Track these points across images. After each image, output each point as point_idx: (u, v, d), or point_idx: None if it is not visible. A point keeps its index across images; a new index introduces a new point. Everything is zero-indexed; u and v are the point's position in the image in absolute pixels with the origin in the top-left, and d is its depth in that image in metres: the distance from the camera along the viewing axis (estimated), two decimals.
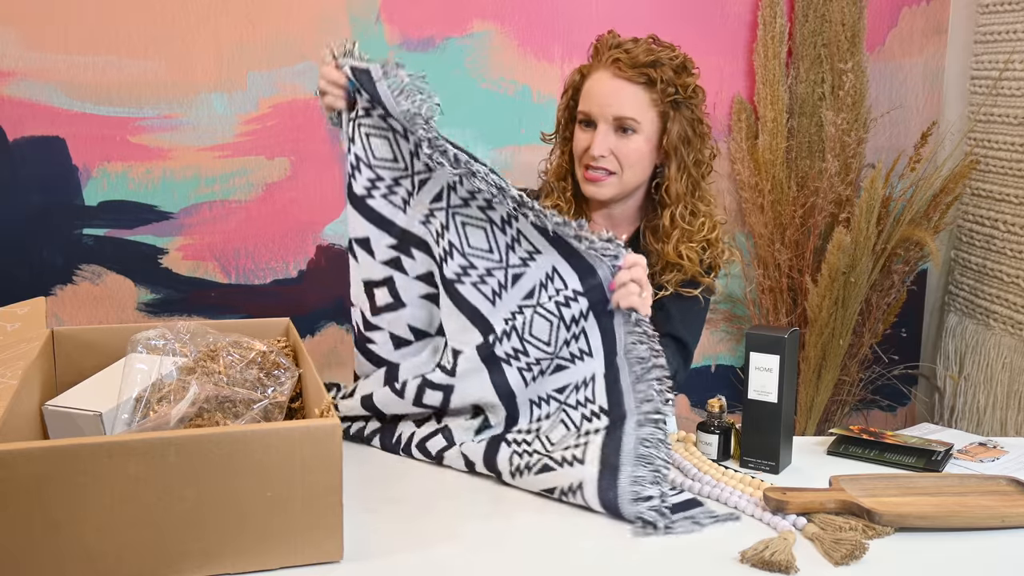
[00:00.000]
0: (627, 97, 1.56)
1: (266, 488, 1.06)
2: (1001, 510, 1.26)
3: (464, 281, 1.43)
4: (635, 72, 1.55)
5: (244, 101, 2.36)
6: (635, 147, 1.57)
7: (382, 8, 2.37)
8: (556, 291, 1.39)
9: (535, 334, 1.39)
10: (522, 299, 1.42)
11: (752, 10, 2.52)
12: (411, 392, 1.45)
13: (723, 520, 1.25)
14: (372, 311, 1.51)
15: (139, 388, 1.25)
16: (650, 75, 1.55)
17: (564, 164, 1.67)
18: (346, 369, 2.53)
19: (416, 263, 1.49)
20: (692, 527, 1.23)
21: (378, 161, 1.46)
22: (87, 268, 2.37)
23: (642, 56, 1.55)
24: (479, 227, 1.43)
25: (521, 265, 1.42)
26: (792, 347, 1.41)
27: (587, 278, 1.38)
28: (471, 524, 1.24)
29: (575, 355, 1.40)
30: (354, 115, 1.45)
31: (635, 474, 1.28)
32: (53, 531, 1.00)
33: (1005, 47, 2.42)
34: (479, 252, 1.43)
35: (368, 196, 1.47)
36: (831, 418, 2.62)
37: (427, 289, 1.51)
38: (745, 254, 2.64)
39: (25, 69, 2.26)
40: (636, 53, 1.55)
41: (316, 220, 2.45)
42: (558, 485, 1.30)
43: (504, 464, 1.35)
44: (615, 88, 1.56)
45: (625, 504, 1.24)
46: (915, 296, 2.72)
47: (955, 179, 2.47)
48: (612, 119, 1.56)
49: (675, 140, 1.58)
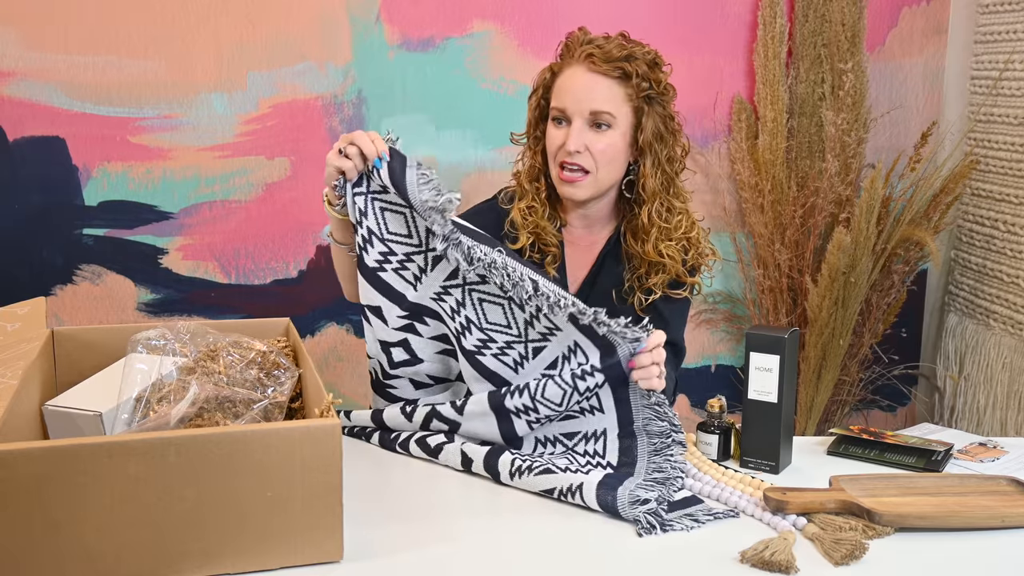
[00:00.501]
0: (602, 91, 1.55)
1: (266, 488, 1.06)
2: (1001, 510, 1.26)
3: (485, 353, 1.45)
4: (610, 66, 1.54)
5: (244, 101, 2.36)
6: (610, 142, 1.56)
7: (382, 8, 2.37)
8: (578, 364, 1.40)
9: (547, 396, 1.39)
10: (545, 369, 1.43)
11: (752, 10, 2.52)
12: (419, 417, 1.47)
13: (722, 518, 1.26)
14: (390, 366, 1.54)
15: (139, 388, 1.25)
16: (625, 69, 1.54)
17: (537, 165, 1.64)
18: (346, 368, 2.53)
19: (429, 328, 1.51)
20: (691, 524, 1.23)
21: (391, 235, 1.46)
22: (87, 268, 2.37)
23: (616, 51, 1.54)
24: (497, 304, 1.44)
25: (541, 340, 1.43)
26: (792, 347, 1.41)
27: (607, 356, 1.38)
28: (471, 524, 1.24)
29: (587, 410, 1.42)
30: (366, 189, 1.44)
31: (636, 482, 1.30)
32: (53, 531, 1.00)
33: (1005, 47, 2.42)
34: (498, 327, 1.45)
35: (380, 269, 1.47)
36: (831, 418, 2.62)
37: (443, 347, 1.53)
38: (745, 254, 2.64)
39: (25, 69, 2.26)
40: (609, 48, 1.54)
41: (316, 220, 2.45)
42: (557, 486, 1.30)
43: (504, 465, 1.36)
44: (590, 82, 1.55)
45: (624, 507, 1.24)
46: (915, 296, 2.72)
47: (955, 179, 2.47)
48: (587, 114, 1.55)
49: (650, 136, 1.57)
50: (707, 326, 2.67)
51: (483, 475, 1.38)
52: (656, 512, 1.23)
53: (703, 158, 2.58)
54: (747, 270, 2.64)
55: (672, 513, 1.25)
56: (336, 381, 2.53)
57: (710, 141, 2.58)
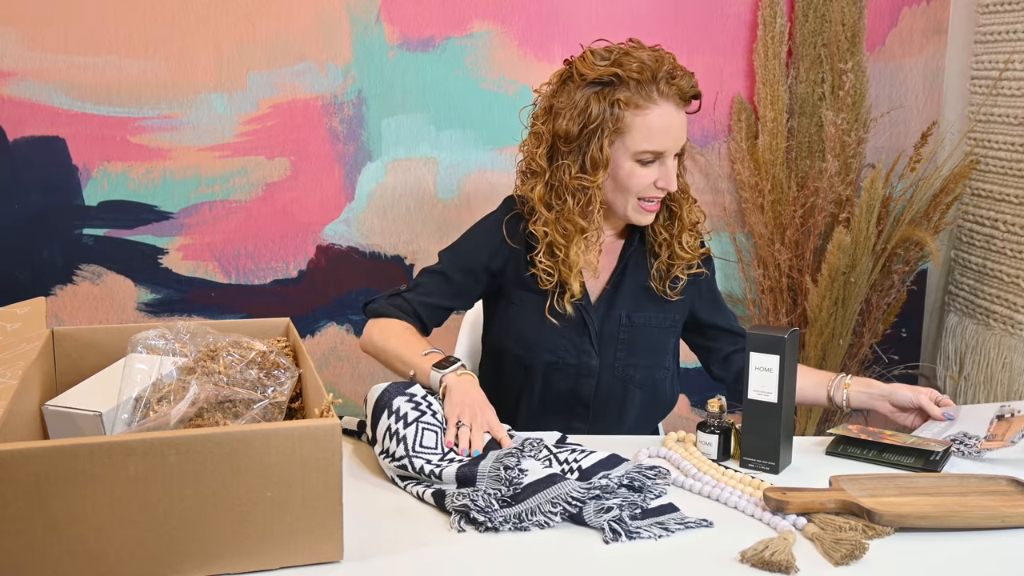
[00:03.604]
0: (685, 124, 1.57)
1: (266, 488, 1.06)
2: (1001, 510, 1.26)
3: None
4: (690, 98, 1.56)
5: (244, 101, 2.36)
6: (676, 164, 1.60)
7: (382, 8, 2.37)
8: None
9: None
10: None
11: (752, 10, 2.52)
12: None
13: (695, 527, 1.21)
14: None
15: (139, 388, 1.25)
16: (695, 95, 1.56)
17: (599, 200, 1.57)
18: (346, 368, 2.53)
19: None
20: (660, 532, 1.19)
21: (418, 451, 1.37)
22: (87, 268, 2.38)
23: (686, 81, 1.54)
24: None
25: None
26: (792, 347, 1.41)
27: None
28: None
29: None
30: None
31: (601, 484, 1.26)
32: (53, 531, 1.00)
33: (1005, 47, 2.42)
34: None
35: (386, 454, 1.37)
36: (831, 418, 2.62)
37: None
38: (745, 254, 2.64)
39: (25, 69, 2.26)
40: (681, 80, 1.53)
41: (316, 220, 2.45)
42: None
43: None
44: (682, 120, 1.55)
45: (589, 516, 1.21)
46: (915, 296, 2.72)
47: (955, 179, 2.47)
48: (679, 149, 1.57)
49: (687, 141, 1.61)
50: None
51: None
52: (621, 519, 1.19)
53: (703, 158, 2.58)
54: (747, 270, 2.64)
55: (643, 521, 1.21)
56: (336, 381, 2.53)
57: (710, 141, 2.58)
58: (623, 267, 1.66)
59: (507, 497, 1.24)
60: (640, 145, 1.52)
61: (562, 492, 1.22)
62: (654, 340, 1.68)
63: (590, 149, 1.53)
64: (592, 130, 1.52)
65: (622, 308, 1.66)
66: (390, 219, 2.48)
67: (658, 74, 1.51)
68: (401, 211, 2.48)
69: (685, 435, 1.49)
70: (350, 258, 2.48)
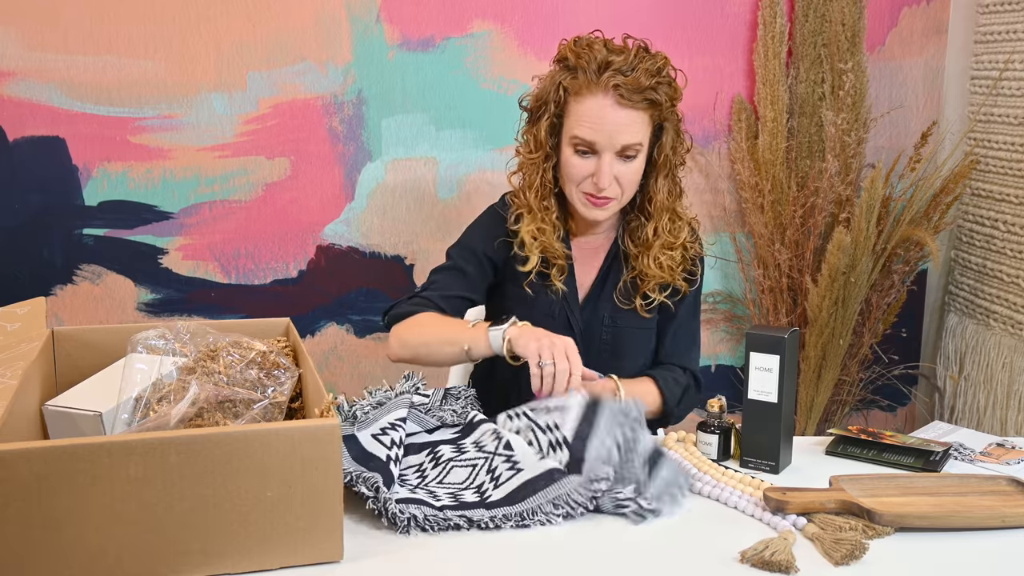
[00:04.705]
0: (632, 125, 1.50)
1: (266, 488, 1.06)
2: (1001, 510, 1.26)
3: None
4: (639, 98, 1.48)
5: (244, 101, 2.36)
6: (636, 168, 1.55)
7: (382, 8, 2.37)
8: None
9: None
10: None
11: (752, 10, 2.52)
12: None
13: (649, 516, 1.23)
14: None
15: (139, 388, 1.25)
16: (652, 98, 1.50)
17: (548, 183, 1.59)
18: (346, 368, 2.53)
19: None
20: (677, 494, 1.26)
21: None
22: (87, 268, 2.38)
23: (643, 79, 1.47)
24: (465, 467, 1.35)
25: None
26: (792, 347, 1.41)
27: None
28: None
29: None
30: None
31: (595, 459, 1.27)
32: (53, 531, 1.00)
33: (1005, 47, 2.42)
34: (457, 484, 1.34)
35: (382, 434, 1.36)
36: (831, 418, 2.62)
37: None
38: (745, 254, 2.64)
39: (25, 69, 2.26)
40: (636, 77, 1.47)
41: (316, 220, 2.45)
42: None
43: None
44: (620, 118, 1.49)
45: (608, 509, 1.24)
46: (915, 296, 2.72)
47: (955, 179, 2.47)
48: (618, 147, 1.51)
49: (668, 151, 1.57)
50: (707, 326, 2.67)
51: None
52: (639, 509, 1.23)
53: (703, 158, 2.58)
54: (747, 270, 2.64)
55: (654, 487, 1.25)
56: (336, 381, 2.53)
57: (710, 141, 2.58)
58: (607, 268, 1.66)
59: (505, 497, 1.24)
60: (572, 130, 1.53)
61: (563, 492, 1.23)
62: (637, 342, 1.68)
63: (538, 128, 1.57)
64: (540, 110, 1.57)
65: (604, 310, 1.66)
66: (390, 219, 2.48)
67: (606, 67, 1.48)
68: (401, 211, 2.48)
69: (685, 435, 1.49)
70: (350, 258, 2.48)
